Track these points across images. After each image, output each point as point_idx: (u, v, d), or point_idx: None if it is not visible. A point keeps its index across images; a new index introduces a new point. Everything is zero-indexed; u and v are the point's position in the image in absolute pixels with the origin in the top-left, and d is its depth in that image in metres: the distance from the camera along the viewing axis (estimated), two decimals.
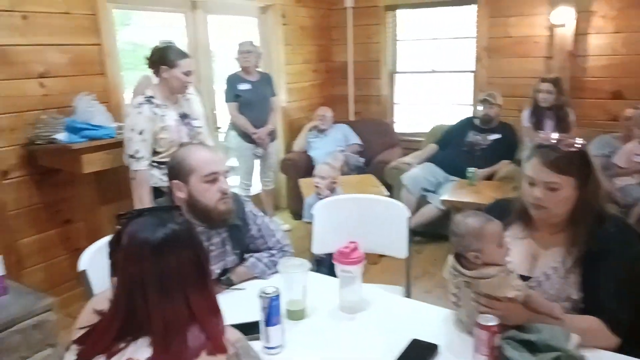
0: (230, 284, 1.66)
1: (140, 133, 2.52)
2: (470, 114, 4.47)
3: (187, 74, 2.65)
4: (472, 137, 4.08)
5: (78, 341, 0.99)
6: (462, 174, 3.65)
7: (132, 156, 2.55)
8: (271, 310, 1.27)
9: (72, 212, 3.02)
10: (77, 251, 3.00)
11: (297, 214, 4.42)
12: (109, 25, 3.12)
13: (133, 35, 4.26)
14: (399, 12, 5.02)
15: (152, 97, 2.59)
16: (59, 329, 2.39)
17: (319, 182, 2.93)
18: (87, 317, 1.04)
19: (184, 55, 2.66)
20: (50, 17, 2.81)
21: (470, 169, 3.55)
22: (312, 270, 1.57)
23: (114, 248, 1.00)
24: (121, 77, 3.27)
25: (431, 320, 1.45)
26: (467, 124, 4.21)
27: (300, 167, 4.37)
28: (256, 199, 4.14)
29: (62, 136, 2.63)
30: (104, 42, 3.07)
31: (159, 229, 0.97)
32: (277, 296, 1.28)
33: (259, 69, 4.06)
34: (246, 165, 4.10)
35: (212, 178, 1.58)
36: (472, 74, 4.68)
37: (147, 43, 4.22)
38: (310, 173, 4.12)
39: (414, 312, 1.53)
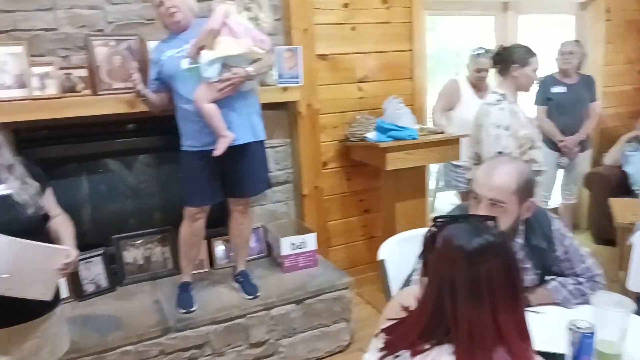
0: (527, 304, 1.54)
1: (507, 129, 2.52)
2: None
3: (536, 71, 2.61)
4: None
5: (386, 331, 1.07)
6: None
7: (500, 153, 2.51)
8: (582, 347, 1.13)
9: (371, 203, 3.32)
10: (372, 239, 3.34)
11: (600, 238, 3.86)
12: (421, 32, 3.28)
13: (437, 40, 4.40)
14: None
15: (504, 94, 2.60)
16: (352, 305, 2.68)
17: None
18: (393, 309, 1.11)
19: (534, 53, 2.61)
20: (374, 27, 3.12)
21: None
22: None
23: (428, 249, 1.04)
24: (426, 81, 3.41)
25: None
26: None
27: (610, 183, 3.78)
28: (553, 213, 3.78)
29: (371, 135, 2.90)
30: (415, 48, 3.26)
31: (475, 237, 0.96)
32: (592, 334, 1.13)
33: (580, 71, 3.67)
34: (547, 174, 3.76)
35: (474, 196, 1.50)
36: None
37: (451, 47, 4.31)
38: (623, 191, 3.52)
39: None
